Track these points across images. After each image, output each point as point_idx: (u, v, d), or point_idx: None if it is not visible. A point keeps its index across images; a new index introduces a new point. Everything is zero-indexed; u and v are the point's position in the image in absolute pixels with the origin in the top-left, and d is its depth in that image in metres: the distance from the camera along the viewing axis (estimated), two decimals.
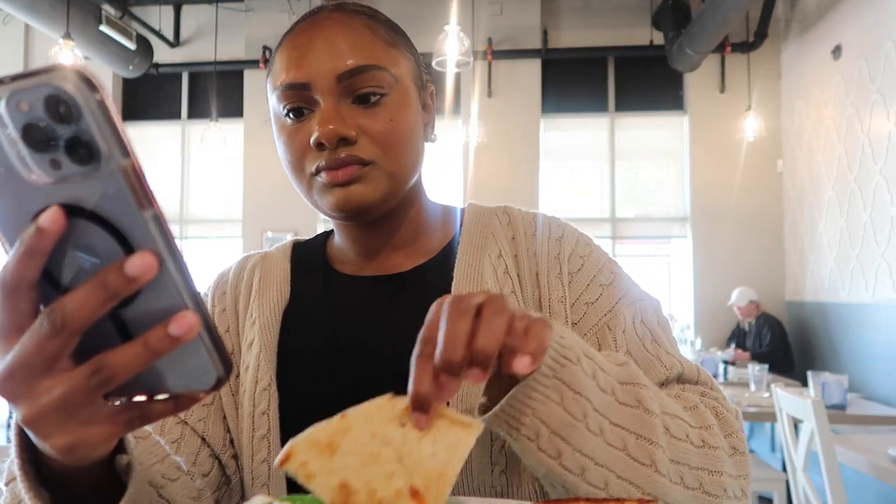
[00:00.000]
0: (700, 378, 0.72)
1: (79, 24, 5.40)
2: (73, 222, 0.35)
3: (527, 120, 6.64)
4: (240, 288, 0.84)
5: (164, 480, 0.64)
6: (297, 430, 0.71)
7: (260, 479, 0.73)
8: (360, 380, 0.73)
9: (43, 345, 0.36)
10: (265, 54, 6.68)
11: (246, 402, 0.75)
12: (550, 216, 0.82)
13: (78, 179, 0.34)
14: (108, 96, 0.33)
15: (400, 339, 0.72)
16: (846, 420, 3.20)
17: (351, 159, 0.70)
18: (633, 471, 0.55)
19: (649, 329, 0.73)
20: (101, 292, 0.35)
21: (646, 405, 0.57)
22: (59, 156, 0.33)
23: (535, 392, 0.54)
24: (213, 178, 7.24)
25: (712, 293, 6.26)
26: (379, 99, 0.71)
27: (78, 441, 0.40)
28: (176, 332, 0.36)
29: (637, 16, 6.56)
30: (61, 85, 0.32)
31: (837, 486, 2.29)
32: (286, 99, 0.71)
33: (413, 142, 0.75)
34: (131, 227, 0.35)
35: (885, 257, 4.65)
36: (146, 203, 0.34)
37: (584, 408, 0.55)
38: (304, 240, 0.91)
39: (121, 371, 0.37)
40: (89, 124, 0.33)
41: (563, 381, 0.55)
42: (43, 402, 0.38)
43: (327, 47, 0.70)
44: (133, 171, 0.34)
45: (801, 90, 6.00)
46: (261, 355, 0.76)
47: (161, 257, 0.35)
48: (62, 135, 0.33)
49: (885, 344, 4.64)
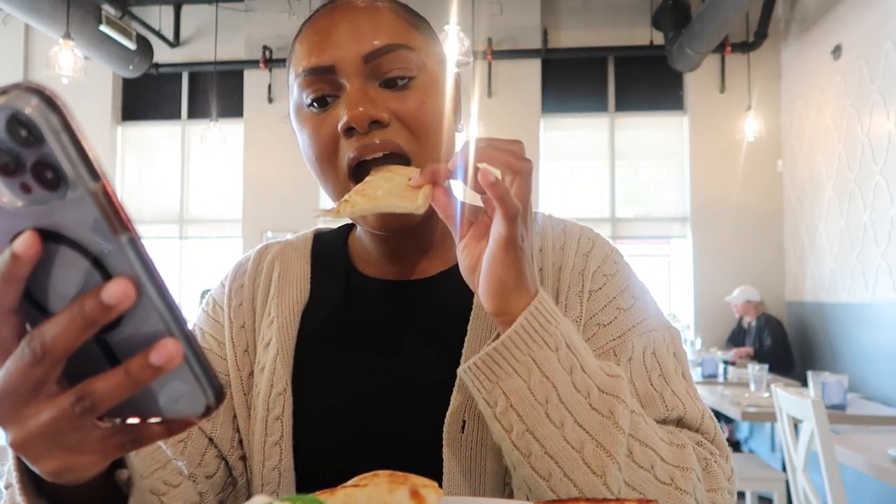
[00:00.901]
0: (702, 426, 0.68)
1: (79, 24, 5.40)
2: (52, 247, 0.34)
3: (527, 120, 6.64)
4: (258, 281, 0.81)
5: (165, 487, 0.64)
6: (310, 436, 0.71)
7: (270, 486, 0.71)
8: (377, 387, 0.71)
9: (27, 371, 0.35)
10: (265, 54, 6.68)
11: (260, 405, 0.73)
12: (583, 226, 0.79)
13: (51, 204, 0.32)
14: (72, 117, 0.31)
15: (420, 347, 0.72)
16: (846, 420, 3.20)
17: (386, 146, 0.66)
18: (582, 475, 0.55)
19: (660, 362, 0.70)
20: (79, 320, 0.34)
21: (616, 419, 0.56)
22: (28, 180, 0.32)
23: (506, 362, 0.56)
24: (213, 178, 7.24)
25: (712, 293, 6.26)
26: (408, 82, 0.67)
27: (67, 466, 0.39)
28: (157, 362, 0.35)
29: (637, 16, 6.56)
30: (19, 107, 0.31)
31: (837, 486, 2.29)
32: (309, 85, 0.67)
33: (446, 129, 0.71)
34: (107, 252, 0.34)
35: (885, 257, 4.64)
36: (120, 227, 0.33)
37: (549, 394, 0.55)
38: (326, 230, 0.87)
39: (105, 399, 0.36)
40: (52, 147, 0.31)
41: (536, 361, 0.56)
42: (30, 428, 0.37)
43: (351, 28, 0.67)
44: (104, 195, 0.32)
45: (801, 90, 6.00)
46: (277, 358, 0.73)
47: (139, 283, 0.34)
48: (27, 158, 0.32)
49: (885, 344, 4.64)
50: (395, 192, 0.60)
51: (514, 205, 0.55)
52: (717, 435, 0.69)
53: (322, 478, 0.67)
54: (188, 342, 0.36)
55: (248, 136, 6.86)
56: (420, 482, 0.48)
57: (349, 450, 0.70)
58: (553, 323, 0.57)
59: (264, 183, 6.71)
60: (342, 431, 0.70)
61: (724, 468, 0.65)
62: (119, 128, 7.25)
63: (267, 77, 6.84)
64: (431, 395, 0.68)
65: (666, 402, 0.67)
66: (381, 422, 0.70)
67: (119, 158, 7.27)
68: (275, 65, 6.72)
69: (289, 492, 0.70)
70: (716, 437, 0.69)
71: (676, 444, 0.62)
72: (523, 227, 0.56)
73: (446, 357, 0.69)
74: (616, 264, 0.75)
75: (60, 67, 4.90)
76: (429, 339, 0.72)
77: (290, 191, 6.33)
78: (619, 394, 0.58)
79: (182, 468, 0.69)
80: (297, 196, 6.35)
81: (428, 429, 0.67)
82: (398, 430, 0.69)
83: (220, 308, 0.81)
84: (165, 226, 7.17)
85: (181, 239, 7.20)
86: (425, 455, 0.67)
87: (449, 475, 0.66)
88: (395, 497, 0.46)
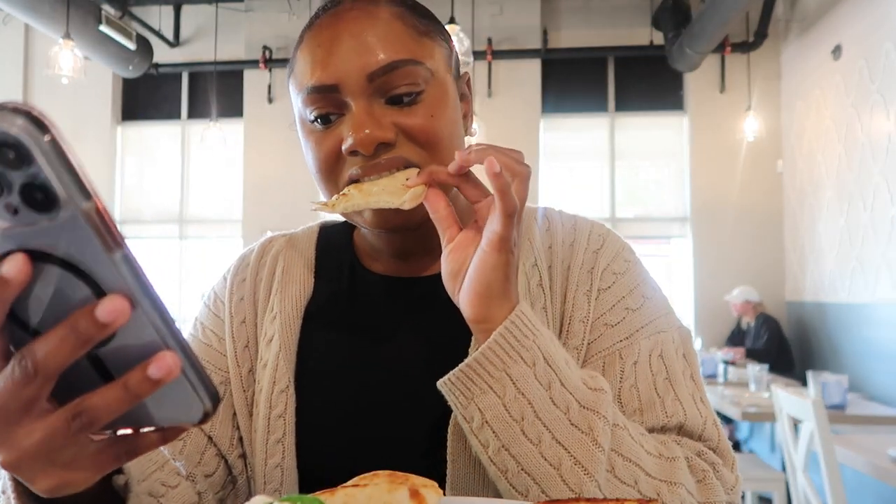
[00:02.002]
0: (704, 434, 0.66)
1: (79, 24, 5.40)
2: (41, 266, 0.33)
3: (527, 120, 6.64)
4: (261, 275, 0.79)
5: (163, 489, 0.64)
6: (313, 434, 0.70)
7: (272, 484, 0.70)
8: (380, 385, 0.70)
9: (17, 390, 0.35)
10: (265, 54, 6.67)
11: (262, 402, 0.72)
12: (594, 222, 0.77)
13: (40, 224, 0.32)
14: (61, 136, 0.31)
15: (425, 346, 0.71)
16: (846, 420, 3.20)
17: (392, 163, 0.64)
18: (560, 493, 0.55)
19: (667, 365, 0.68)
20: (72, 338, 0.34)
21: (595, 436, 0.56)
22: (14, 201, 0.31)
23: (480, 379, 0.55)
24: (213, 178, 7.23)
25: (712, 293, 6.26)
26: (415, 97, 0.65)
27: (63, 482, 0.39)
28: (156, 375, 0.34)
29: (637, 16, 6.56)
30: (6, 129, 0.30)
31: (837, 486, 2.29)
32: (313, 103, 0.65)
33: (455, 139, 0.69)
34: (101, 271, 0.33)
35: (885, 257, 4.64)
36: (113, 245, 0.33)
37: (524, 410, 0.55)
38: (331, 224, 0.85)
39: (103, 414, 0.35)
40: (42, 169, 0.31)
41: (511, 377, 0.55)
42: (23, 447, 0.37)
43: (355, 43, 0.64)
44: (97, 214, 0.32)
45: (801, 90, 6.00)
46: (280, 354, 0.72)
47: (134, 299, 0.34)
48: (15, 180, 0.31)
49: (885, 344, 4.64)
50: (389, 189, 0.62)
51: (514, 201, 0.55)
52: (720, 443, 0.67)
53: (325, 475, 0.67)
54: (184, 352, 0.36)
55: (248, 136, 6.85)
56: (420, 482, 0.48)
57: (352, 448, 0.69)
58: (531, 336, 0.57)
59: (264, 183, 6.71)
60: (345, 429, 0.70)
61: (727, 479, 0.64)
62: (119, 128, 7.25)
63: (267, 77, 6.83)
64: (436, 394, 0.68)
65: (666, 409, 0.66)
66: (384, 420, 0.69)
67: (119, 158, 7.26)
68: (275, 65, 6.71)
69: (291, 490, 0.70)
70: (719, 444, 0.67)
71: (666, 458, 0.60)
72: (515, 231, 0.56)
73: (452, 356, 0.69)
74: (627, 262, 0.73)
75: (60, 67, 4.90)
76: (434, 338, 0.72)
77: (290, 191, 6.33)
78: (599, 409, 0.57)
79: (180, 468, 0.69)
80: (297, 196, 6.33)
81: (431, 428, 0.67)
82: (402, 428, 0.69)
83: (220, 302, 0.80)
84: (165, 226, 7.17)
85: (181, 239, 7.19)
86: (428, 454, 0.67)
87: (453, 475, 0.66)
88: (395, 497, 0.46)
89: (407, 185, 0.61)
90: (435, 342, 0.72)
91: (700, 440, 0.66)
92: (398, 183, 0.62)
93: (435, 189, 0.60)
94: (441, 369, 0.69)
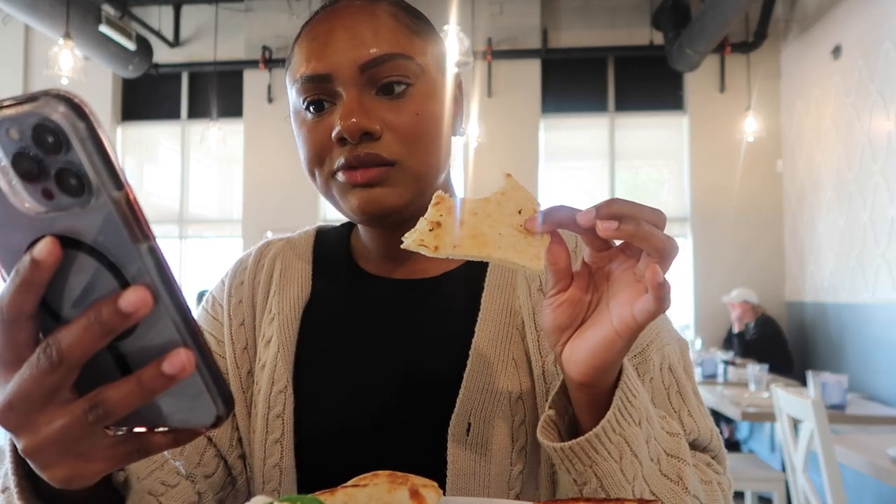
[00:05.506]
0: (710, 445, 0.69)
1: (79, 24, 5.40)
2: (70, 253, 0.34)
3: (526, 120, 6.64)
4: (259, 278, 0.80)
5: (163, 488, 0.64)
6: (311, 434, 0.70)
7: (271, 484, 0.71)
8: (379, 386, 0.71)
9: (41, 378, 0.35)
10: (265, 54, 6.68)
11: (260, 403, 0.73)
12: None
13: (71, 210, 0.33)
14: (100, 125, 0.32)
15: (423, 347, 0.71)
16: (846, 420, 3.20)
17: (371, 159, 0.66)
18: None
19: (675, 377, 0.69)
20: (95, 327, 0.34)
21: (685, 483, 0.57)
22: (51, 186, 0.32)
23: (602, 447, 0.54)
24: (213, 178, 7.24)
25: (712, 293, 6.26)
26: (405, 90, 0.67)
27: (76, 473, 0.39)
28: (169, 371, 0.35)
29: (637, 16, 6.56)
30: (48, 114, 0.31)
31: (837, 486, 2.29)
32: (306, 92, 0.68)
33: (441, 138, 0.70)
34: (126, 260, 0.34)
35: (885, 257, 4.64)
36: (141, 236, 0.33)
37: (636, 471, 0.55)
38: (328, 227, 0.86)
39: (118, 407, 0.36)
40: (78, 155, 0.31)
41: (627, 440, 0.55)
42: (43, 435, 0.37)
43: (349, 36, 0.66)
44: (127, 204, 0.32)
45: (801, 90, 6.00)
46: (278, 355, 0.73)
47: (156, 292, 0.34)
48: (52, 165, 0.32)
49: (885, 344, 4.64)
50: (511, 242, 0.52)
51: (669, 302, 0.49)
52: (720, 451, 0.69)
53: (323, 476, 0.67)
54: (201, 352, 0.36)
55: (248, 136, 6.86)
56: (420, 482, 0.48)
57: (351, 448, 0.70)
58: (638, 396, 0.56)
59: (264, 183, 6.71)
60: (344, 429, 0.70)
61: (724, 485, 0.66)
62: (119, 128, 7.25)
63: (267, 77, 6.84)
64: (435, 395, 0.68)
65: (684, 426, 0.67)
66: (383, 421, 0.69)
67: (119, 158, 7.26)
68: (275, 65, 6.71)
69: (290, 490, 0.70)
70: (719, 453, 0.69)
71: (705, 482, 0.63)
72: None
73: (451, 357, 0.69)
74: None
75: (60, 67, 4.90)
76: (432, 339, 0.72)
77: (290, 191, 6.33)
78: (682, 455, 0.59)
79: (180, 468, 0.69)
80: (297, 196, 6.35)
81: (431, 429, 0.67)
82: (401, 430, 0.69)
83: (219, 306, 0.81)
84: (165, 226, 7.17)
85: (181, 239, 7.19)
86: (428, 455, 0.67)
87: (453, 476, 0.66)
88: (395, 497, 0.47)
89: (526, 227, 0.52)
90: (433, 343, 0.72)
91: (706, 451, 0.69)
92: (510, 227, 0.52)
93: (559, 238, 0.54)
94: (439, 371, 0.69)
